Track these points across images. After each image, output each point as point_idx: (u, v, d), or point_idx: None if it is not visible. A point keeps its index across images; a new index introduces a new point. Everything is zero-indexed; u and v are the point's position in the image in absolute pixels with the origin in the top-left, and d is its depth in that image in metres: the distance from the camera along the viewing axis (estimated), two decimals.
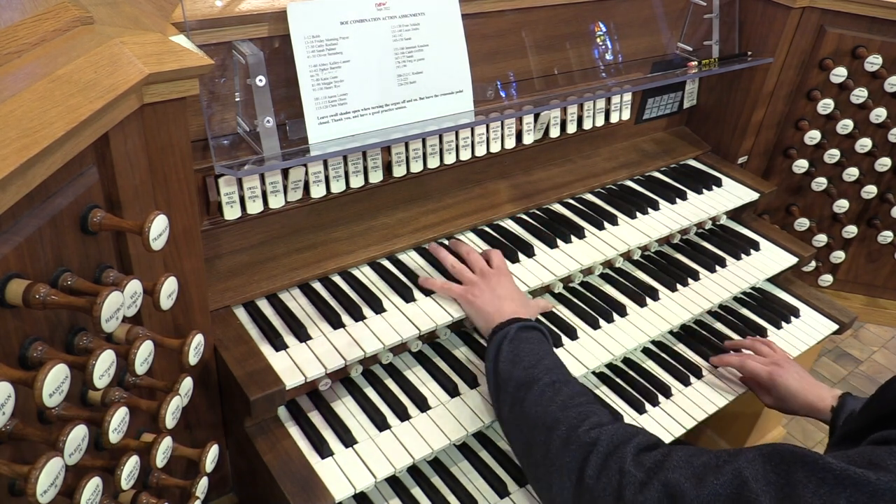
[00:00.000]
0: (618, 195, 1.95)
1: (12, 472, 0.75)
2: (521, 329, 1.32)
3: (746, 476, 0.89)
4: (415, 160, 1.58)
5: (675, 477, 0.95)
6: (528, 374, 1.24)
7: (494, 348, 1.31)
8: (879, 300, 2.42)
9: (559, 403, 1.17)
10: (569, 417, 1.13)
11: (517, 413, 1.22)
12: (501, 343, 1.30)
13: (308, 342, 1.35)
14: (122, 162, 0.97)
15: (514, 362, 1.27)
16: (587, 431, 1.09)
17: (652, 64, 1.96)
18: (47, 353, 0.84)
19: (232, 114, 1.33)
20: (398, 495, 1.35)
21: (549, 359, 1.28)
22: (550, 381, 1.21)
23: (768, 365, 1.60)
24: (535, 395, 1.20)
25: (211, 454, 1.13)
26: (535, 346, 1.30)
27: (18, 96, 0.80)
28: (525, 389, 1.22)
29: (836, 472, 0.82)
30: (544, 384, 1.21)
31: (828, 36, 1.99)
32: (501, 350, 1.29)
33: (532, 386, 1.21)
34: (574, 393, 1.20)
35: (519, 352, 1.28)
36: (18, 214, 0.82)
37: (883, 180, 2.18)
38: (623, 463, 1.02)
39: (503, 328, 1.33)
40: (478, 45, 1.59)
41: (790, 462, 0.87)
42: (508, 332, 1.31)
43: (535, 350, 1.28)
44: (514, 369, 1.26)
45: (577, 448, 1.08)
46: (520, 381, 1.23)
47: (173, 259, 1.15)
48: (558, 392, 1.19)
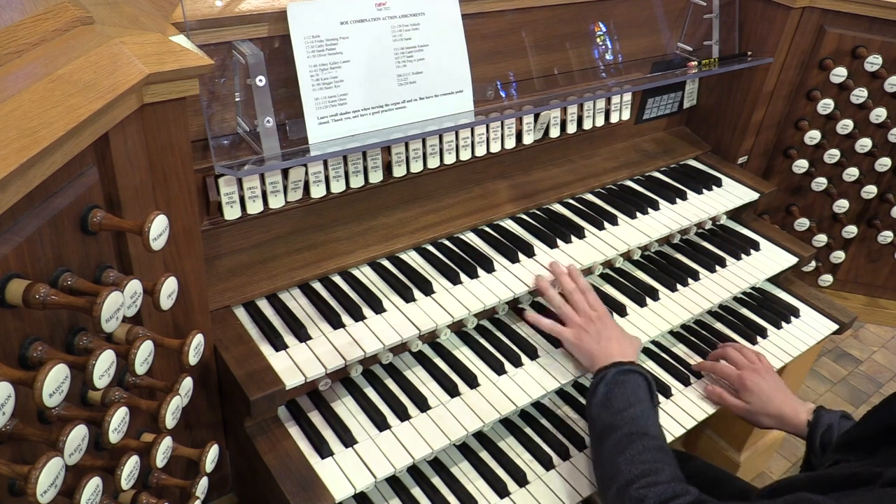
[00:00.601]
0: (618, 195, 1.95)
1: (12, 472, 0.75)
2: (619, 373, 1.37)
3: None
4: (415, 160, 1.58)
5: None
6: (612, 420, 1.29)
7: (592, 389, 1.38)
8: (879, 300, 2.42)
9: (627, 457, 1.22)
10: (630, 472, 1.19)
11: (596, 454, 1.31)
12: (598, 385, 1.37)
13: (308, 342, 1.35)
14: (122, 162, 0.97)
15: (604, 405, 1.33)
16: (638, 489, 1.16)
17: (652, 64, 1.96)
18: (47, 353, 0.84)
19: (232, 114, 1.33)
20: (398, 495, 1.35)
21: (638, 407, 1.31)
22: (629, 431, 1.26)
23: (743, 368, 1.58)
24: (612, 442, 1.26)
25: (211, 454, 1.13)
26: (628, 391, 1.34)
27: (18, 96, 0.80)
28: (606, 434, 1.28)
29: None
30: (623, 434, 1.26)
31: (828, 36, 1.99)
32: (597, 392, 1.36)
33: (612, 433, 1.27)
34: (646, 448, 1.23)
35: (611, 396, 1.33)
36: (18, 214, 0.82)
37: (883, 180, 2.18)
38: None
39: (604, 370, 1.39)
40: (478, 45, 1.59)
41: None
42: (606, 375, 1.37)
43: (627, 396, 1.33)
44: (603, 412, 1.32)
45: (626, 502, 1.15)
46: (604, 425, 1.30)
47: (173, 259, 1.14)
48: (632, 444, 1.24)
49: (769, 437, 2.56)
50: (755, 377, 1.55)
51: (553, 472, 1.42)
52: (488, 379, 1.47)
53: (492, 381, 1.46)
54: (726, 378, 1.60)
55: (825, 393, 3.27)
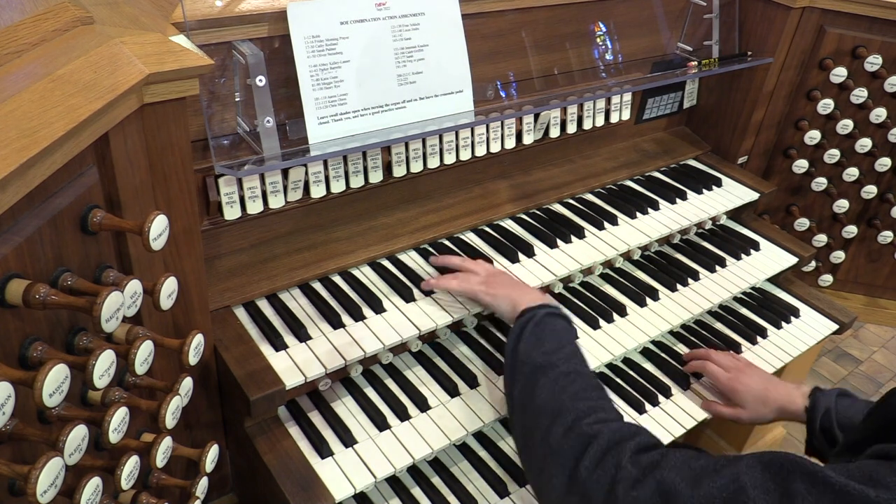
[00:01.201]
0: (618, 195, 1.95)
1: (12, 472, 0.75)
2: (548, 315, 1.31)
3: (744, 482, 0.88)
4: (415, 160, 1.58)
5: (671, 476, 0.94)
6: (546, 358, 1.23)
7: (518, 328, 1.30)
8: (879, 300, 2.42)
9: (570, 393, 1.16)
10: (577, 408, 1.12)
11: (527, 395, 1.21)
12: (526, 325, 1.29)
13: (308, 342, 1.35)
14: (122, 162, 0.98)
15: (535, 345, 1.26)
16: (591, 424, 1.08)
17: (652, 64, 1.96)
18: (47, 353, 0.84)
19: (232, 114, 1.33)
20: (398, 495, 1.35)
21: (571, 348, 1.26)
22: (567, 370, 1.20)
23: (730, 370, 1.56)
24: (549, 380, 1.19)
25: (211, 454, 1.13)
26: (559, 333, 1.29)
27: (18, 96, 0.80)
28: (540, 373, 1.21)
29: (835, 487, 0.81)
30: (560, 372, 1.20)
31: (828, 36, 1.99)
32: (525, 330, 1.28)
33: (548, 371, 1.20)
34: (588, 386, 1.18)
35: (543, 336, 1.27)
36: (18, 214, 0.82)
37: (883, 180, 2.18)
38: (620, 459, 1.01)
39: (531, 311, 1.32)
40: (478, 45, 1.59)
41: (790, 471, 0.86)
42: (535, 315, 1.31)
43: (559, 337, 1.28)
44: (534, 352, 1.25)
45: (577, 438, 1.07)
46: (537, 364, 1.22)
47: (173, 259, 1.15)
48: (572, 382, 1.18)
49: (769, 437, 2.56)
50: (741, 377, 1.53)
51: None
52: (488, 379, 1.47)
53: (492, 381, 1.46)
54: (716, 380, 1.57)
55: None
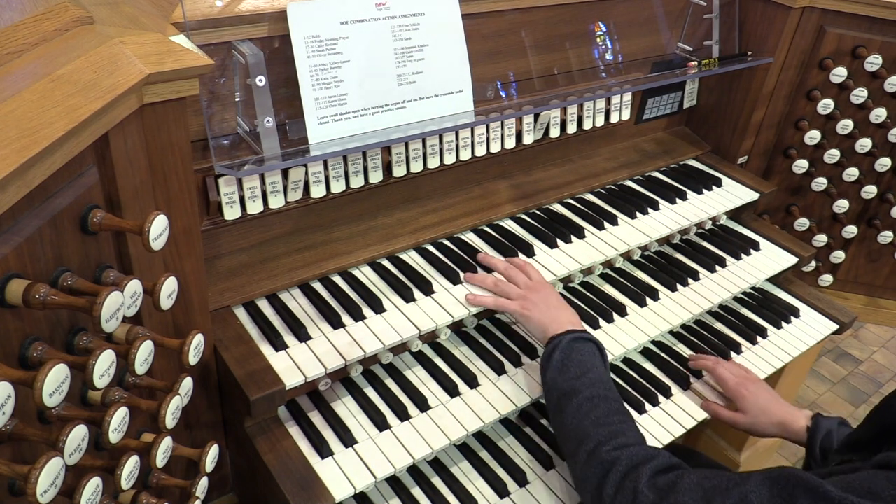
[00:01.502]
0: (618, 195, 1.95)
1: (12, 472, 0.75)
2: (573, 340, 1.36)
3: (752, 500, 0.94)
4: (415, 160, 1.58)
5: (684, 499, 1.00)
6: (570, 385, 1.28)
7: (546, 357, 1.36)
8: (879, 300, 2.42)
9: (593, 419, 1.21)
10: (598, 434, 1.18)
11: (558, 421, 1.28)
12: (553, 352, 1.35)
13: (308, 342, 1.35)
14: (122, 162, 0.97)
15: (560, 371, 1.32)
16: (610, 451, 1.14)
17: (652, 64, 1.96)
18: (47, 353, 0.84)
19: (232, 114, 1.33)
20: (398, 495, 1.35)
21: (595, 372, 1.31)
22: (591, 395, 1.25)
23: (738, 376, 1.57)
24: (573, 406, 1.25)
25: (211, 454, 1.13)
26: (584, 357, 1.33)
27: (18, 96, 0.80)
28: (566, 400, 1.27)
29: (835, 501, 0.86)
30: (584, 397, 1.25)
31: (828, 36, 1.99)
32: (552, 359, 1.34)
33: (572, 397, 1.26)
34: (610, 410, 1.23)
35: (568, 362, 1.32)
36: (18, 214, 0.82)
37: (883, 180, 2.18)
38: (638, 483, 1.07)
39: (558, 338, 1.37)
40: (478, 45, 1.59)
41: (794, 486, 0.91)
42: (561, 342, 1.35)
43: (584, 362, 1.32)
44: (560, 378, 1.31)
45: (598, 465, 1.14)
46: (563, 391, 1.29)
47: (173, 259, 1.14)
48: (595, 407, 1.23)
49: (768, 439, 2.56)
50: (748, 385, 1.54)
51: (553, 472, 1.42)
52: (488, 379, 1.47)
53: (492, 381, 1.46)
54: (723, 383, 1.58)
55: (825, 393, 3.27)
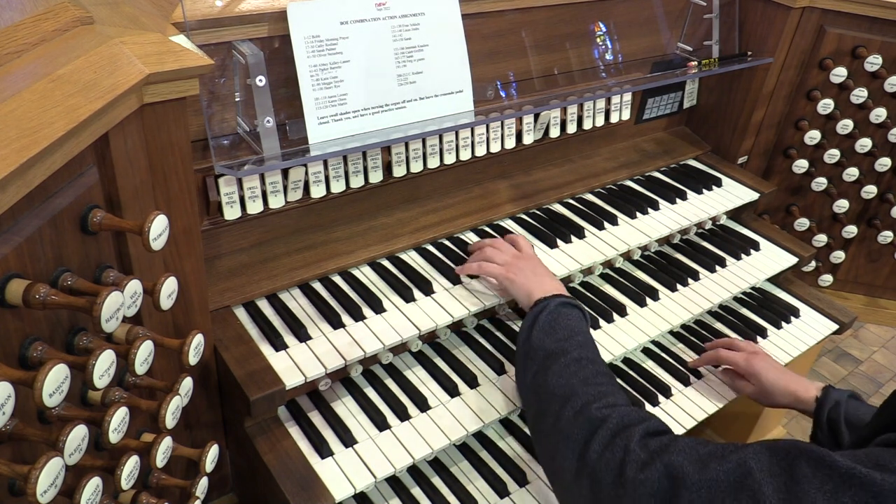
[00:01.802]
0: (618, 195, 1.95)
1: (12, 472, 0.75)
2: (561, 304, 1.35)
3: (751, 466, 0.89)
4: (415, 160, 1.58)
5: (679, 460, 0.96)
6: (559, 345, 1.26)
7: (532, 317, 1.34)
8: (879, 300, 2.42)
9: (581, 378, 1.19)
10: (587, 393, 1.15)
11: (540, 380, 1.24)
12: (540, 314, 1.33)
13: (308, 342, 1.35)
14: (122, 162, 0.98)
15: (548, 332, 1.30)
16: (600, 409, 1.11)
17: (652, 64, 1.96)
18: (47, 353, 0.84)
19: (232, 114, 1.33)
20: (398, 495, 1.35)
21: (583, 336, 1.30)
22: (579, 356, 1.24)
23: (745, 354, 1.60)
24: (560, 366, 1.23)
25: (211, 454, 1.13)
26: (571, 321, 1.32)
27: (18, 96, 0.80)
28: (553, 359, 1.24)
29: (841, 471, 0.82)
30: (572, 358, 1.23)
31: (828, 36, 1.99)
32: (539, 319, 1.32)
33: (560, 357, 1.24)
34: (598, 372, 1.22)
35: (556, 324, 1.31)
36: (18, 214, 0.82)
37: (883, 180, 2.18)
38: (629, 442, 1.03)
39: (545, 300, 1.36)
40: (478, 45, 1.59)
41: (796, 456, 0.87)
42: (549, 305, 1.34)
43: (572, 325, 1.31)
44: (547, 339, 1.29)
45: (586, 421, 1.10)
46: (549, 351, 1.26)
47: (173, 259, 1.14)
48: (583, 368, 1.21)
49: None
50: (760, 359, 1.57)
51: None
52: (488, 379, 1.47)
53: (492, 381, 1.46)
54: (733, 364, 1.60)
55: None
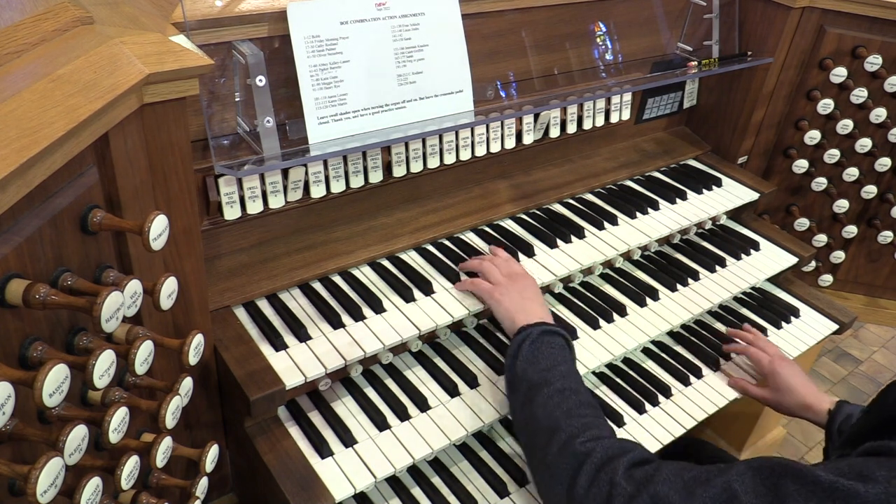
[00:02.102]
0: (618, 195, 1.95)
1: (12, 472, 0.75)
2: (544, 333, 1.33)
3: (736, 489, 0.90)
4: (415, 160, 1.58)
5: (664, 490, 0.97)
6: (541, 376, 1.25)
7: (515, 347, 1.33)
8: (879, 300, 2.42)
9: (564, 410, 1.19)
10: (570, 426, 1.15)
11: (526, 413, 1.25)
12: (522, 343, 1.32)
13: (308, 342, 1.35)
14: (122, 162, 0.97)
15: (531, 363, 1.29)
16: (584, 443, 1.11)
17: (652, 64, 1.96)
18: (47, 353, 0.84)
19: (232, 114, 1.33)
20: (398, 495, 1.35)
21: (566, 366, 1.29)
22: (561, 387, 1.23)
23: (772, 356, 1.62)
24: (543, 397, 1.22)
25: (211, 454, 1.13)
26: (555, 351, 1.31)
27: (18, 96, 0.80)
28: (536, 391, 1.24)
29: (824, 485, 0.84)
30: (555, 389, 1.22)
31: (828, 36, 1.99)
32: (521, 350, 1.31)
33: (542, 388, 1.23)
34: (581, 402, 1.21)
35: (538, 354, 1.29)
36: (18, 214, 0.82)
37: (883, 180, 2.18)
38: (614, 475, 1.03)
39: (527, 329, 1.34)
40: (478, 45, 1.59)
41: (780, 475, 0.88)
42: (531, 334, 1.33)
43: (554, 355, 1.30)
44: (530, 370, 1.28)
45: (572, 456, 1.10)
46: (532, 382, 1.25)
47: (173, 259, 1.14)
48: (566, 399, 1.21)
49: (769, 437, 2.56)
50: (782, 364, 1.59)
51: None
52: (488, 379, 1.47)
53: (492, 381, 1.46)
54: (757, 362, 1.62)
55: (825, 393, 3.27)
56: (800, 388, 1.55)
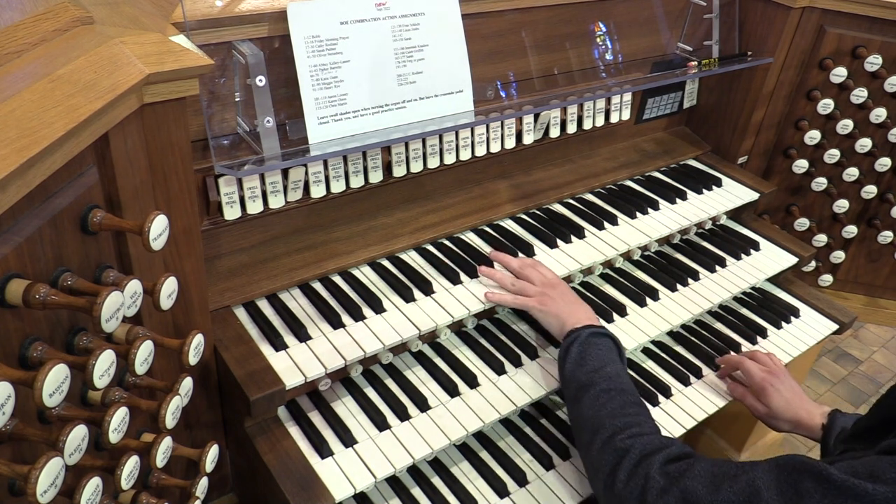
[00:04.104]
0: (618, 195, 1.95)
1: (12, 472, 0.75)
2: (592, 335, 1.39)
3: (759, 486, 0.96)
4: (415, 160, 1.58)
5: (693, 485, 1.03)
6: (588, 377, 1.32)
7: (564, 350, 1.39)
8: (879, 300, 2.42)
9: (609, 410, 1.25)
10: (614, 424, 1.22)
11: (575, 412, 1.32)
12: (571, 345, 1.38)
13: (308, 342, 1.35)
14: (122, 162, 0.97)
15: (579, 364, 1.35)
16: (624, 439, 1.18)
17: (652, 64, 1.96)
18: (47, 353, 0.84)
19: (232, 114, 1.33)
20: (398, 495, 1.35)
21: (613, 367, 1.34)
22: (607, 387, 1.29)
23: (764, 371, 1.59)
24: (590, 398, 1.28)
25: (211, 454, 1.13)
26: (602, 352, 1.36)
27: (18, 96, 0.80)
28: (583, 391, 1.30)
29: (837, 483, 0.88)
30: (601, 389, 1.28)
31: (828, 36, 1.99)
32: (570, 352, 1.37)
33: (589, 389, 1.30)
34: (626, 402, 1.27)
35: (585, 355, 1.36)
36: (18, 214, 0.82)
37: (883, 180, 2.18)
38: (650, 470, 1.09)
39: (576, 332, 1.40)
40: (478, 45, 1.59)
41: (800, 472, 0.93)
42: (580, 336, 1.39)
43: (602, 356, 1.35)
44: (578, 371, 1.34)
45: (612, 453, 1.17)
46: (580, 383, 1.32)
47: (173, 259, 1.14)
48: (612, 399, 1.27)
49: (769, 437, 2.56)
50: (775, 381, 1.56)
51: (553, 472, 1.42)
52: (488, 379, 1.47)
53: (492, 381, 1.46)
54: (749, 376, 1.59)
55: (825, 393, 3.27)
56: (790, 404, 1.53)
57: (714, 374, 1.67)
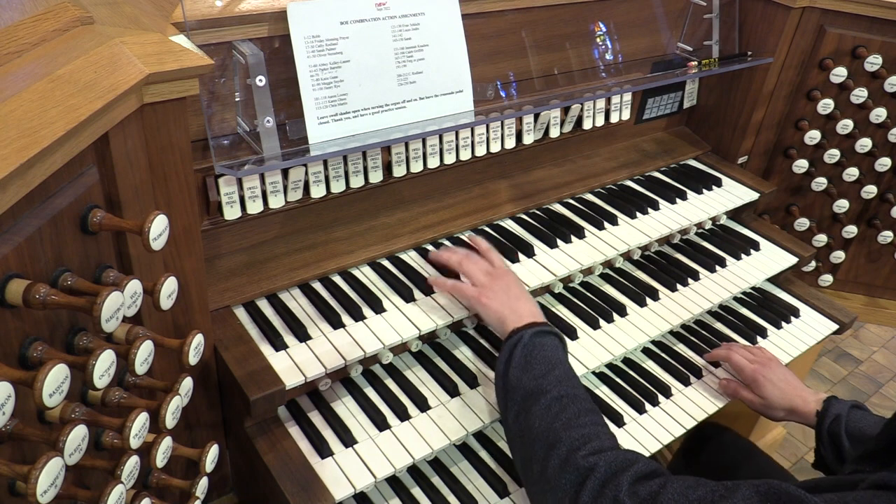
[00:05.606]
0: (618, 195, 1.95)
1: (12, 472, 0.75)
2: (536, 335, 1.28)
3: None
4: (415, 160, 1.58)
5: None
6: (537, 384, 1.21)
7: (507, 353, 1.28)
8: (879, 300, 2.42)
9: (563, 421, 1.14)
10: (571, 438, 1.11)
11: (522, 423, 1.19)
12: (514, 348, 1.27)
13: (308, 342, 1.35)
14: (122, 162, 0.98)
15: (524, 369, 1.24)
16: (586, 456, 1.07)
17: (652, 64, 1.96)
18: (47, 353, 0.84)
19: (232, 114, 1.33)
20: (398, 495, 1.35)
21: (561, 369, 1.24)
22: (559, 394, 1.18)
23: (753, 363, 1.60)
24: (541, 407, 1.17)
25: (211, 454, 1.13)
26: (548, 353, 1.26)
27: (18, 96, 0.80)
28: (532, 400, 1.19)
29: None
30: (552, 397, 1.18)
31: (828, 36, 1.99)
32: (513, 355, 1.26)
33: (539, 398, 1.18)
34: (581, 411, 1.17)
35: (531, 359, 1.25)
36: (18, 214, 0.82)
37: (883, 180, 2.18)
38: (618, 492, 1.00)
39: (518, 332, 1.30)
40: (478, 45, 1.59)
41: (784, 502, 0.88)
42: (522, 337, 1.28)
43: (549, 358, 1.25)
44: (524, 377, 1.23)
45: (573, 472, 1.07)
46: (528, 391, 1.21)
47: (173, 259, 1.15)
48: (565, 408, 1.16)
49: (769, 437, 2.56)
50: (765, 372, 1.57)
51: None
52: (488, 379, 1.47)
53: (492, 382, 1.46)
54: (738, 369, 1.60)
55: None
56: (784, 393, 1.53)
57: (714, 375, 1.67)
